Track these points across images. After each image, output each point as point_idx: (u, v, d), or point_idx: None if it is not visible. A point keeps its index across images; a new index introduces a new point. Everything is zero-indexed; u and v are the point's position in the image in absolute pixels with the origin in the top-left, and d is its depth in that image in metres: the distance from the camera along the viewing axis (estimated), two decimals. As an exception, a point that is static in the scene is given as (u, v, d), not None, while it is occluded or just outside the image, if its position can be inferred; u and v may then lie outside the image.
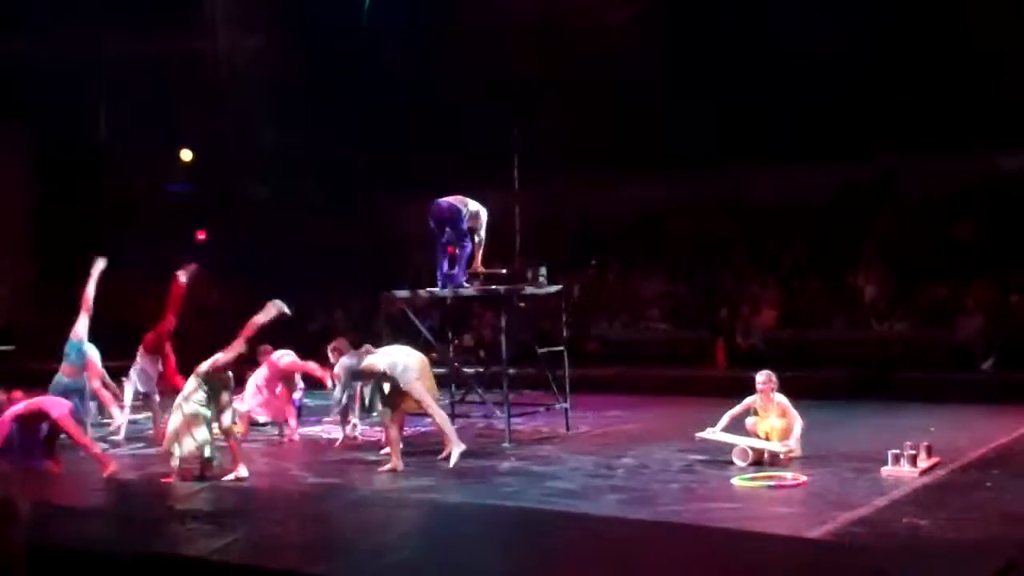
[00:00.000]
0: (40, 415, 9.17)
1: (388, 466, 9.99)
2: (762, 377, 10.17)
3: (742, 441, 9.89)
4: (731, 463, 9.69)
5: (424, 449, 11.13)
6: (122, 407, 12.39)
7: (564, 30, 19.00)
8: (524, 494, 8.96)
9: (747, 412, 10.12)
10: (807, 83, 18.42)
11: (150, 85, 19.91)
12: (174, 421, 9.49)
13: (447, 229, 11.74)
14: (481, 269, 11.97)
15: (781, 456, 9.76)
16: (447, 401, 12.19)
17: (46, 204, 21.70)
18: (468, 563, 5.14)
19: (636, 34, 18.27)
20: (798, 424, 9.94)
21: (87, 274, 11.56)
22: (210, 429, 9.51)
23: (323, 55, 21.35)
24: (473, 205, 11.83)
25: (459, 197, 11.86)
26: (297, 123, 21.23)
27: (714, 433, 10.09)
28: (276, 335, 11.82)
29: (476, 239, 11.84)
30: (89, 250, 12.09)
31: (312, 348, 13.12)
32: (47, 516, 5.80)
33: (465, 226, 11.69)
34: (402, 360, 10.14)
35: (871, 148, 18.83)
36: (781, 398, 10.10)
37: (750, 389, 10.23)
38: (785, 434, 9.94)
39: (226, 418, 9.71)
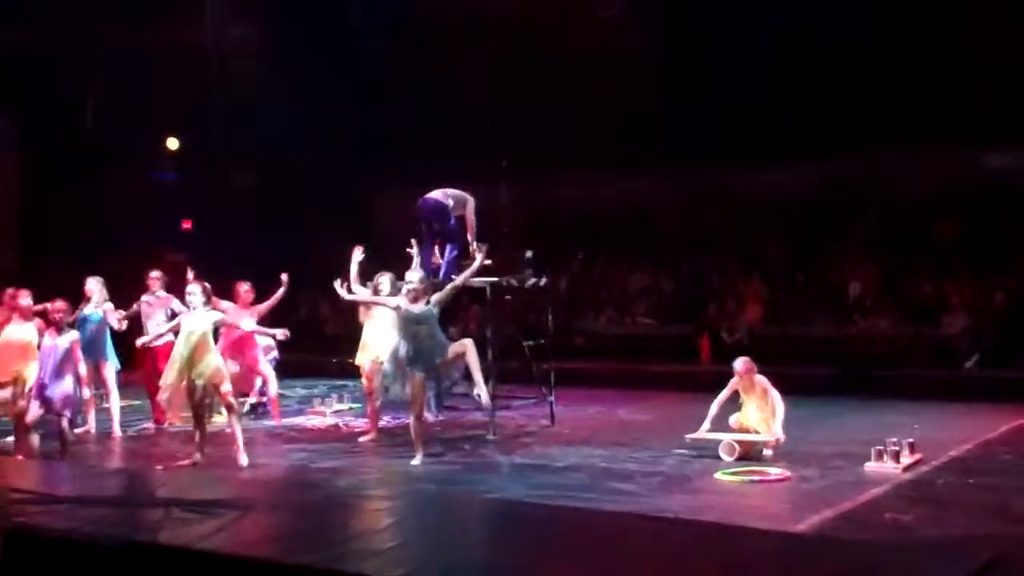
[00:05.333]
0: None
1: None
2: (740, 364, 10.18)
3: (729, 436, 9.91)
4: (715, 457, 9.69)
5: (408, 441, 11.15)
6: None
7: (556, 23, 18.96)
8: (507, 486, 8.97)
9: (733, 395, 10.16)
10: (794, 80, 18.45)
11: (136, 73, 19.78)
12: None
13: (435, 225, 11.65)
14: (474, 253, 11.82)
15: (764, 453, 9.80)
16: (432, 393, 12.14)
17: (32, 194, 21.52)
18: (453, 555, 5.13)
19: (628, 29, 18.25)
20: (780, 408, 9.94)
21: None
22: None
23: (313, 45, 21.28)
24: (457, 194, 11.66)
25: (443, 191, 11.68)
26: (284, 112, 21.15)
27: (706, 433, 10.10)
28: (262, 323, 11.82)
29: (466, 225, 11.71)
30: (75, 240, 12.06)
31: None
32: (36, 502, 5.80)
33: (453, 218, 11.62)
34: None
35: (857, 145, 18.88)
36: (761, 379, 10.11)
37: (734, 383, 10.25)
38: (770, 418, 9.98)
39: None
